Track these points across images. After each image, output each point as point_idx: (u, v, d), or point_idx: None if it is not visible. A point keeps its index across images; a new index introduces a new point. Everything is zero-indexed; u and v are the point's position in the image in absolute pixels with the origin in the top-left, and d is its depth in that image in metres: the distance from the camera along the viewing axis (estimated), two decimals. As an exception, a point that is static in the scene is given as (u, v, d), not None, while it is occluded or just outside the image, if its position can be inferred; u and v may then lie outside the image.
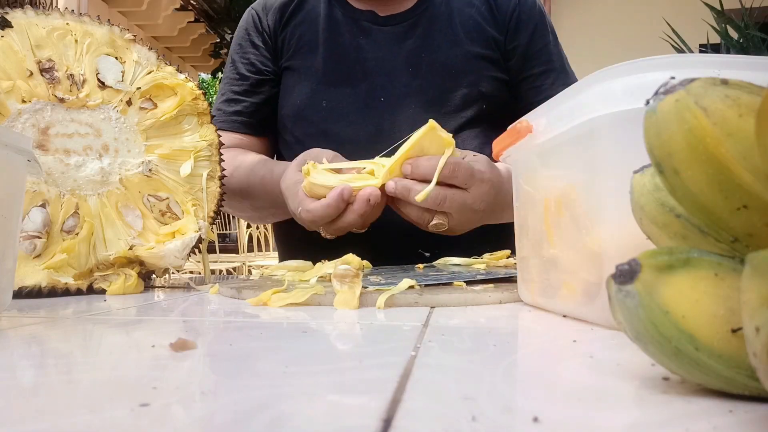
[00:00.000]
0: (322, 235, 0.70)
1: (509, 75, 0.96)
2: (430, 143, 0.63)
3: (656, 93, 0.23)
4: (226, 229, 5.26)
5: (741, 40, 3.38)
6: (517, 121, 0.47)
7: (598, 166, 0.37)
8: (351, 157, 0.75)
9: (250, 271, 3.85)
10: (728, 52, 3.44)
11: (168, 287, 0.68)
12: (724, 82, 0.21)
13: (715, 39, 3.85)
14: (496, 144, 0.52)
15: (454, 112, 0.92)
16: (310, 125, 0.94)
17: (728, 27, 3.58)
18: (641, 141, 0.23)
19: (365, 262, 0.60)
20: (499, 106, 0.94)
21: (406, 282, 0.51)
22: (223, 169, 0.71)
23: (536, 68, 0.96)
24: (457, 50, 0.93)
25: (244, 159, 0.89)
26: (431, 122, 0.62)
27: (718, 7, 3.61)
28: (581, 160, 0.40)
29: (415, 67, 0.93)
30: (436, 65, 0.93)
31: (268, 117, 0.98)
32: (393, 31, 0.95)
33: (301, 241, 0.88)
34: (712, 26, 3.72)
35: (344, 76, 0.93)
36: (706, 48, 4.05)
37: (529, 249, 0.49)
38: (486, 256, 0.76)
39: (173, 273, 0.67)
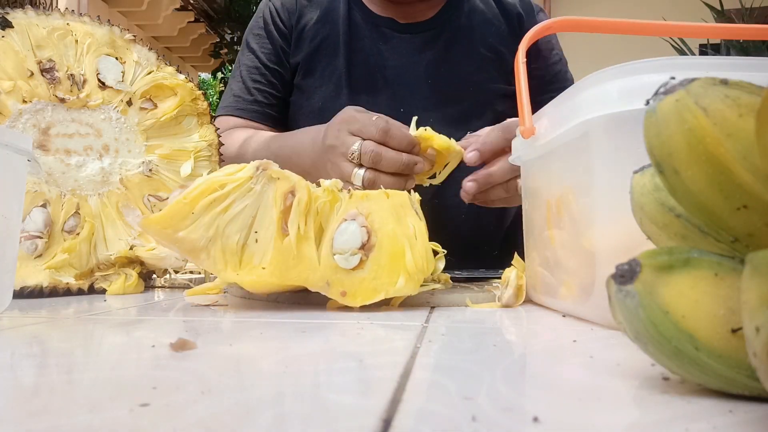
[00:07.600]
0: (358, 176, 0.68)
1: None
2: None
3: (656, 93, 0.23)
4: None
5: (741, 41, 3.38)
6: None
7: (592, 167, 0.38)
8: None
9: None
10: (728, 52, 3.44)
11: (168, 287, 0.68)
12: (724, 82, 0.21)
13: (715, 39, 3.84)
14: None
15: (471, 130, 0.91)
16: None
17: (728, 27, 3.56)
18: (635, 143, 0.23)
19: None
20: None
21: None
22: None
23: (555, 92, 0.93)
24: (475, 66, 0.93)
25: (260, 134, 0.89)
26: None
27: (718, 7, 3.61)
28: (577, 162, 0.40)
29: (435, 79, 0.92)
30: (456, 81, 0.92)
31: (282, 110, 0.98)
32: (412, 40, 0.94)
33: None
34: (712, 26, 3.71)
35: (365, 81, 0.93)
36: (706, 48, 4.05)
37: (533, 248, 0.50)
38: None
39: (173, 275, 0.67)
